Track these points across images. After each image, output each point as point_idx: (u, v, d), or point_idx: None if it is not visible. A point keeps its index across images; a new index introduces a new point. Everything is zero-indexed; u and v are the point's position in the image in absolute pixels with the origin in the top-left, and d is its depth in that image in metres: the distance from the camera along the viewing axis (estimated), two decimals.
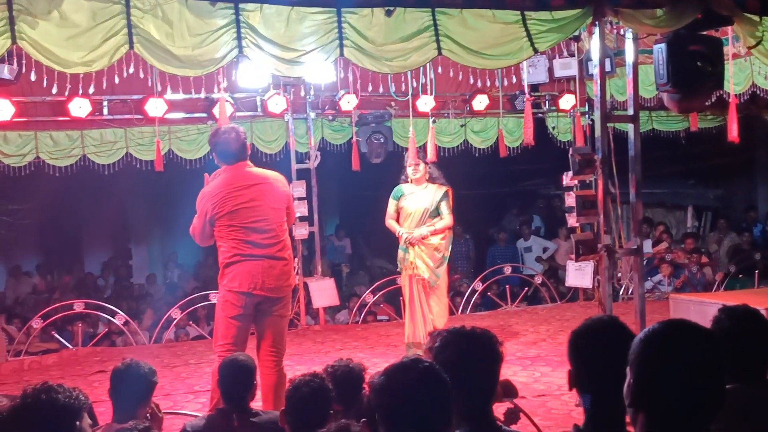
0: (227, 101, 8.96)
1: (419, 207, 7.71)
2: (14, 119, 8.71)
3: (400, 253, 7.78)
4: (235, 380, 4.30)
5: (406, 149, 8.75)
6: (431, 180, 7.83)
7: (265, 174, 5.82)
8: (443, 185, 7.81)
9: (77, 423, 2.96)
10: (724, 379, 1.95)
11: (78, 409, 2.97)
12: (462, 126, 10.93)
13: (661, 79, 6.25)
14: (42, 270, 13.94)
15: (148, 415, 4.17)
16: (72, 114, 8.90)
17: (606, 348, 2.49)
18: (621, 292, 11.23)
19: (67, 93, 7.12)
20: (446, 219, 7.73)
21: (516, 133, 10.80)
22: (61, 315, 10.10)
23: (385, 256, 13.88)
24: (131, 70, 6.17)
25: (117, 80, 6.46)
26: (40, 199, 12.27)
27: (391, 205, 7.87)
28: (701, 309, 7.71)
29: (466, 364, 2.73)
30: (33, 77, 6.00)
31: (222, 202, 5.60)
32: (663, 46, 6.21)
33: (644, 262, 7.88)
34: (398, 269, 8.03)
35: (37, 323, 9.74)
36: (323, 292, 10.37)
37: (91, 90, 6.69)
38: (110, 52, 5.44)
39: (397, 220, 7.84)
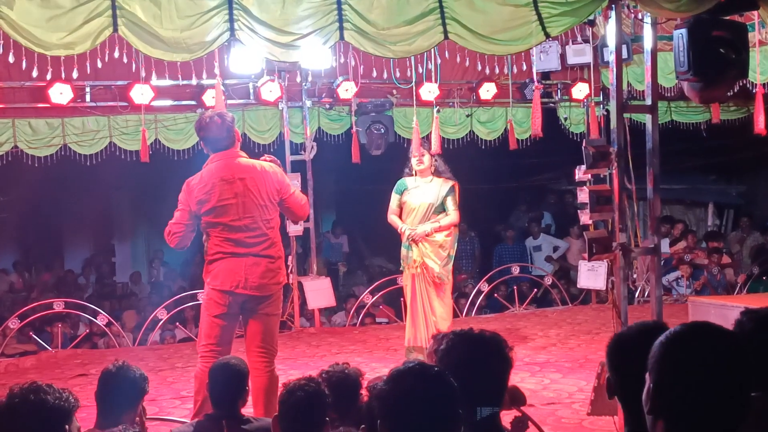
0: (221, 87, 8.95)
1: (423, 202, 7.70)
2: None
3: (403, 250, 7.77)
4: (226, 385, 4.30)
5: (409, 140, 8.74)
6: (437, 173, 7.81)
7: (253, 165, 5.74)
8: (449, 179, 7.80)
9: (66, 426, 2.95)
10: (751, 385, 1.94)
11: (68, 411, 2.96)
12: (468, 116, 10.93)
13: (681, 67, 6.23)
14: (19, 267, 13.95)
15: (137, 418, 4.17)
16: (52, 100, 8.91)
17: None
18: (637, 295, 11.24)
19: (49, 77, 7.09)
20: (452, 215, 7.72)
21: (525, 124, 10.79)
22: (39, 315, 10.11)
23: (385, 255, 13.89)
24: (116, 54, 6.17)
25: (100, 64, 6.45)
26: (18, 192, 12.28)
27: (394, 199, 7.86)
28: (722, 313, 7.72)
29: (473, 370, 2.73)
30: (11, 59, 6.00)
31: (206, 197, 5.58)
32: (684, 31, 6.19)
33: (662, 262, 7.87)
34: (401, 268, 8.02)
35: (14, 323, 9.74)
36: (319, 292, 10.38)
37: (74, 75, 6.68)
38: (93, 34, 5.44)
39: (400, 216, 7.83)
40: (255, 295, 5.62)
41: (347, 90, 9.91)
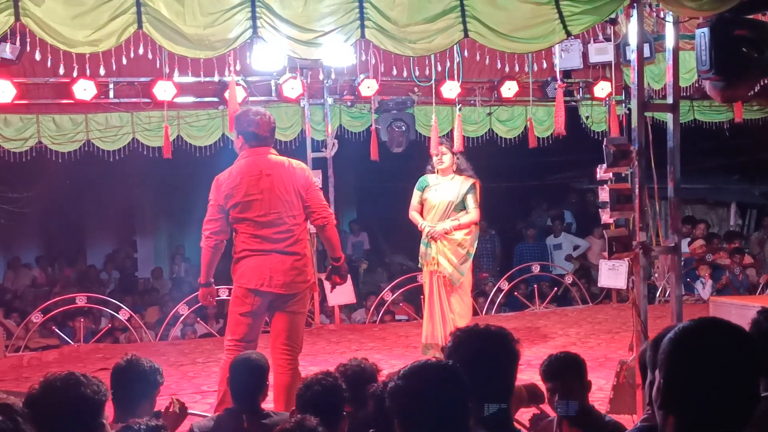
0: (239, 85, 9.00)
1: (443, 199, 7.72)
2: (15, 101, 8.81)
3: (422, 247, 7.81)
4: (247, 379, 4.35)
5: (430, 138, 8.76)
6: (459, 171, 7.83)
7: (281, 161, 5.83)
8: (471, 177, 7.81)
9: (103, 421, 2.96)
10: (759, 382, 1.95)
11: (102, 403, 2.98)
12: (488, 115, 10.93)
13: (703, 66, 6.22)
14: (42, 262, 14.08)
15: (171, 409, 4.21)
16: (76, 96, 9.00)
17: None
18: (658, 294, 11.20)
19: (75, 74, 7.15)
20: (472, 213, 7.73)
21: (546, 122, 10.78)
22: (61, 309, 10.23)
23: (406, 252, 13.90)
24: (140, 51, 6.22)
25: (125, 61, 6.51)
26: (42, 187, 12.39)
27: (415, 196, 7.90)
28: (743, 313, 7.68)
29: (480, 364, 2.76)
30: (38, 57, 6.09)
31: (233, 192, 5.66)
32: (706, 30, 6.18)
33: (682, 262, 7.85)
34: (419, 265, 8.05)
35: (36, 318, 9.87)
36: (339, 289, 10.36)
37: (101, 72, 6.74)
38: (118, 31, 5.50)
39: (422, 213, 7.86)
40: (281, 293, 5.69)
41: (368, 87, 9.92)
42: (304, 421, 3.31)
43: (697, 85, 9.33)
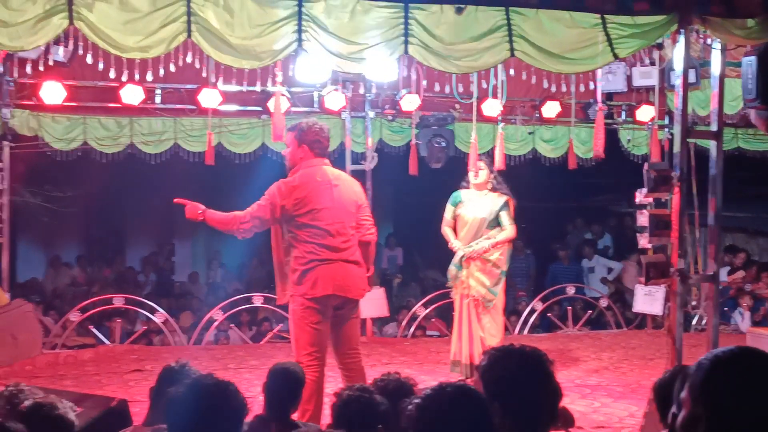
0: (283, 95, 9.05)
1: (477, 216, 7.63)
2: (64, 103, 8.97)
3: (453, 269, 7.67)
4: (283, 389, 4.37)
5: (469, 155, 8.73)
6: (492, 189, 7.78)
7: (342, 173, 6.09)
8: (504, 194, 7.75)
9: None
10: None
11: (243, 417, 2.99)
12: (530, 134, 10.89)
13: (749, 95, 6.17)
14: (82, 261, 14.27)
15: None
16: (124, 101, 9.13)
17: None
18: (694, 322, 11.04)
19: (124, 78, 7.23)
20: (508, 230, 7.63)
21: (588, 144, 10.70)
22: (99, 309, 10.34)
23: (440, 268, 13.85)
24: (188, 59, 6.30)
25: (173, 68, 6.58)
26: (85, 187, 12.54)
27: (448, 211, 7.84)
28: None
29: (514, 384, 2.75)
30: (89, 60, 6.20)
31: (307, 199, 5.71)
32: (753, 58, 6.13)
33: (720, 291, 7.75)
34: (448, 284, 7.99)
35: (74, 316, 9.99)
36: (372, 302, 10.39)
37: (149, 77, 6.83)
38: (168, 39, 5.60)
39: (455, 228, 7.81)
40: (349, 298, 5.82)
41: (410, 103, 9.94)
42: None
43: (743, 113, 9.24)
